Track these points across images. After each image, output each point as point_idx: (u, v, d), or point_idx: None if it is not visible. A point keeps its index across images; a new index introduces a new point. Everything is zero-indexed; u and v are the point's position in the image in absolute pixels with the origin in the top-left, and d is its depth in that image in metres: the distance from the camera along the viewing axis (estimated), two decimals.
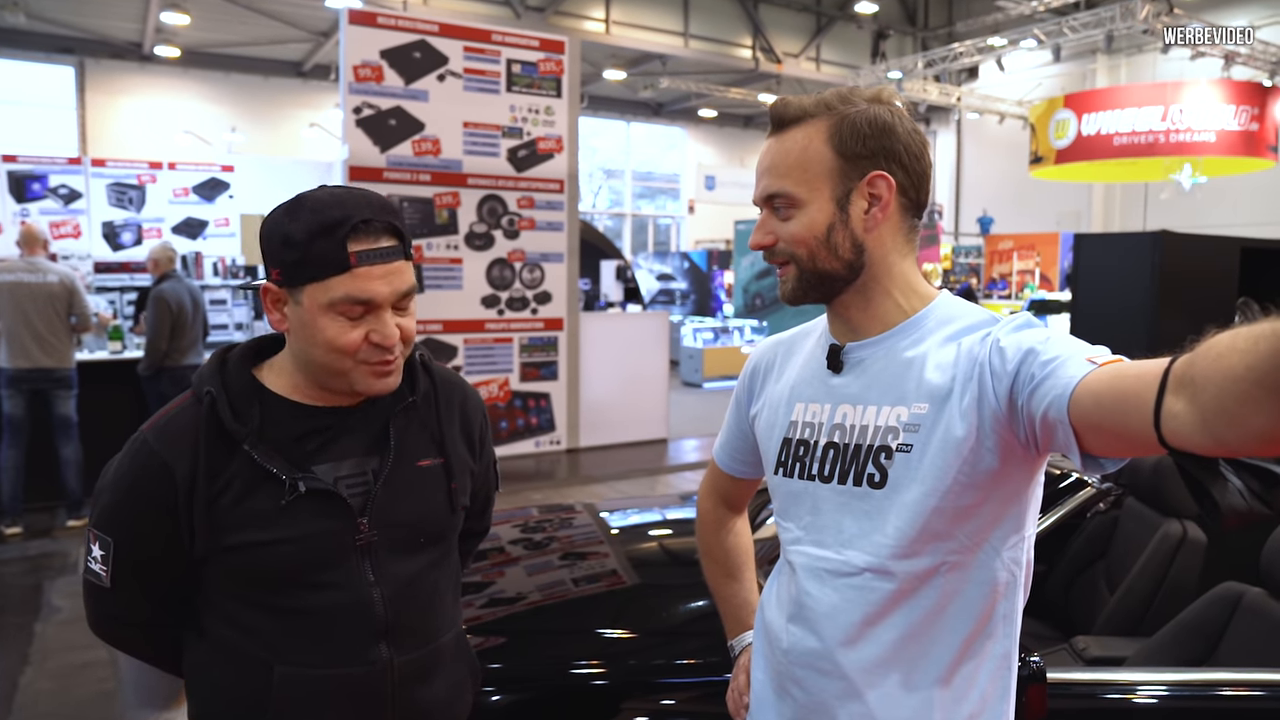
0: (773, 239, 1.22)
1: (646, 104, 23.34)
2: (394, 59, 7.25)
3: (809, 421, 1.26)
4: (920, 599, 1.15)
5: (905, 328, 1.20)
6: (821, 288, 1.22)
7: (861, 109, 1.18)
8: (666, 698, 2.00)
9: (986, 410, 1.09)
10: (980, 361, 1.10)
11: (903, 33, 22.00)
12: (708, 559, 1.59)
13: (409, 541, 1.31)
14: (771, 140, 1.23)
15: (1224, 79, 15.70)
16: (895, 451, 1.15)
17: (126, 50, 16.88)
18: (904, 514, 1.14)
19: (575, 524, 3.16)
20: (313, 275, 1.18)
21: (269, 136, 18.45)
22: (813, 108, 1.20)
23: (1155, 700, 1.91)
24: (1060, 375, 1.00)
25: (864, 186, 1.17)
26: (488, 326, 7.85)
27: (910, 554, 1.14)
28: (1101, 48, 17.37)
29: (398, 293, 1.22)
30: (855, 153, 1.17)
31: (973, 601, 1.16)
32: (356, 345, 1.20)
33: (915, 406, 1.15)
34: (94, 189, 9.72)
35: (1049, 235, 19.57)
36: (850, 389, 1.22)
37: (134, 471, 1.23)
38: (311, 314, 1.19)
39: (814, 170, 1.18)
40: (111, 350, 6.75)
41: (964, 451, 1.10)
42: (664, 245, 25.53)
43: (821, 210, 1.18)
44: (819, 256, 1.19)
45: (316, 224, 1.18)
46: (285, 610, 1.23)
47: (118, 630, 1.34)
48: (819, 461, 1.23)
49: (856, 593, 1.17)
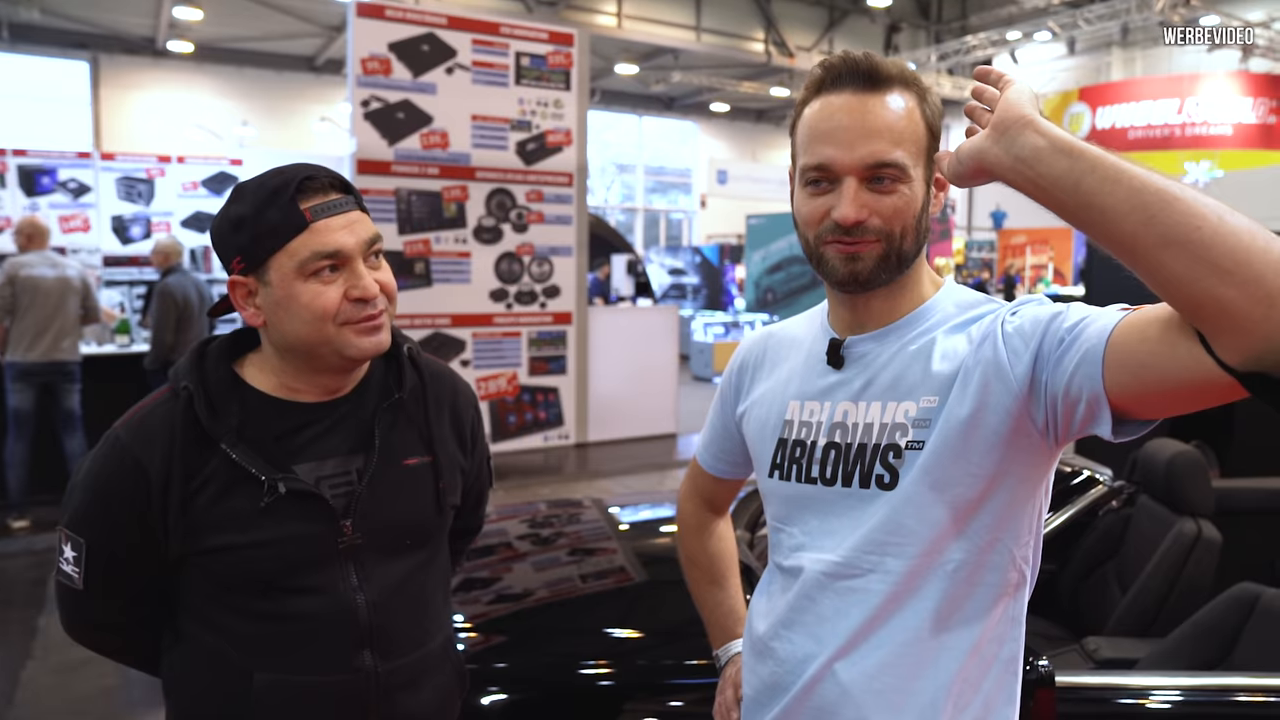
0: (868, 213, 1.06)
1: (658, 98, 23.26)
2: (402, 52, 7.22)
3: (805, 421, 1.18)
4: (925, 600, 1.08)
5: (911, 319, 1.14)
6: (895, 270, 1.11)
7: (928, 86, 1.13)
8: (674, 699, 1.96)
9: (1003, 395, 1.01)
10: (994, 342, 1.03)
11: (916, 26, 21.83)
12: (691, 565, 1.52)
13: (395, 544, 1.26)
14: (868, 96, 1.07)
15: (1241, 71, 15.53)
16: (905, 450, 1.08)
17: (140, 45, 16.93)
18: (918, 514, 1.07)
19: (583, 519, 3.13)
20: (272, 245, 1.13)
21: (280, 130, 18.48)
22: (901, 73, 1.10)
23: (1169, 705, 1.85)
24: (1090, 330, 0.94)
25: (935, 169, 1.11)
26: (496, 320, 7.81)
27: (921, 554, 1.08)
28: (1117, 40, 17.21)
29: (364, 242, 1.17)
30: (936, 131, 1.12)
31: (981, 603, 1.10)
32: (336, 304, 1.15)
33: (924, 400, 1.07)
34: (103, 183, 9.73)
35: (1062, 230, 19.42)
36: (851, 386, 1.14)
37: (106, 470, 1.18)
38: (283, 287, 1.14)
39: (919, 143, 1.09)
40: (119, 344, 6.76)
41: (976, 443, 1.04)
42: (676, 240, 25.46)
43: (919, 188, 1.09)
44: (908, 238, 1.09)
45: (261, 195, 1.14)
46: (265, 615, 1.19)
47: (92, 634, 1.30)
48: (819, 464, 1.15)
49: (859, 596, 1.10)
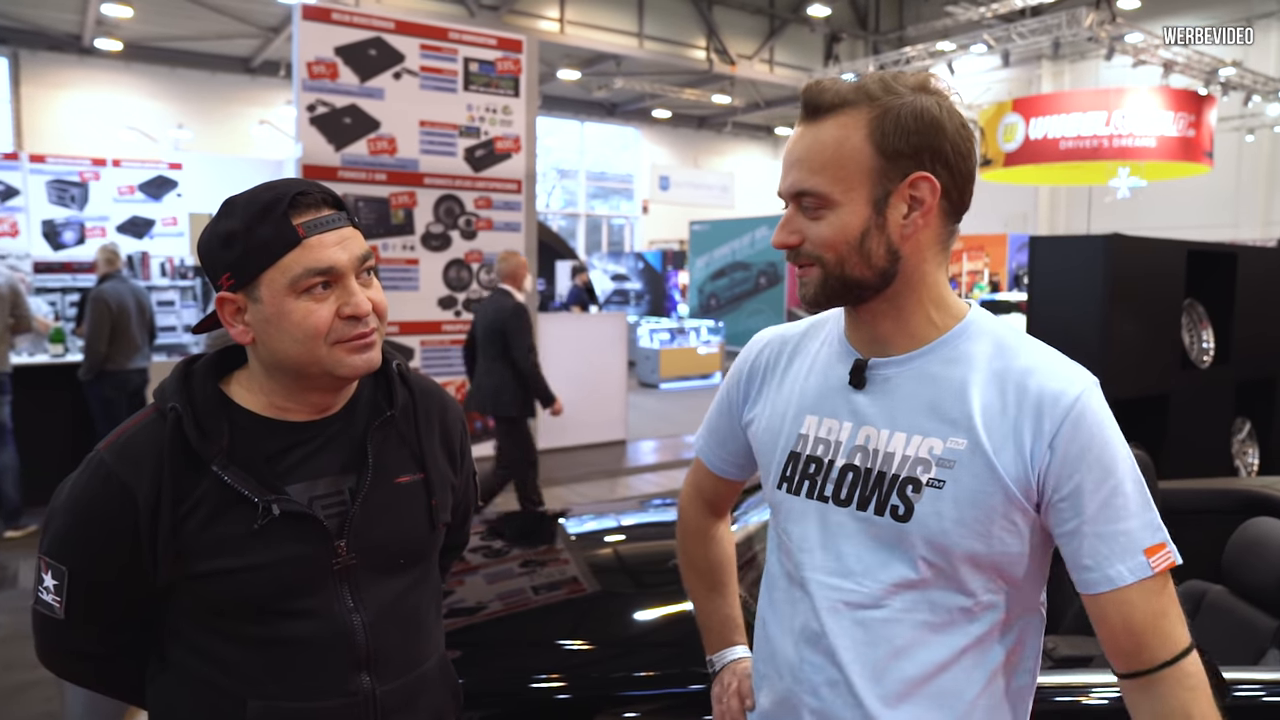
0: (799, 239, 1.09)
1: (601, 104, 23.29)
2: (349, 56, 7.12)
3: (823, 438, 1.16)
4: (951, 636, 1.09)
5: (937, 346, 1.10)
6: (847, 295, 1.10)
7: (907, 100, 1.05)
8: (628, 710, 1.96)
9: (1020, 493, 1.05)
10: (1029, 449, 1.04)
11: (855, 36, 22.22)
12: (689, 569, 1.49)
13: (389, 563, 1.24)
14: (804, 128, 1.09)
15: (1163, 86, 16.13)
16: (925, 486, 1.06)
17: (65, 42, 16.39)
18: (933, 552, 1.07)
19: (535, 531, 3.13)
20: (264, 261, 1.11)
21: (217, 134, 18.06)
22: (852, 95, 1.06)
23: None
24: (1101, 560, 1.04)
25: (905, 189, 1.06)
26: (445, 328, 7.75)
27: (941, 590, 1.08)
28: (1048, 54, 17.74)
29: (356, 258, 1.15)
30: (898, 150, 1.04)
31: (1009, 639, 1.11)
32: (328, 322, 1.13)
33: (951, 441, 1.06)
34: (33, 186, 9.41)
35: (998, 236, 19.95)
36: (875, 410, 1.12)
37: (90, 494, 1.13)
38: (274, 304, 1.12)
39: (851, 168, 1.05)
40: (53, 353, 6.54)
41: (999, 505, 1.04)
42: (618, 245, 25.50)
43: (856, 213, 1.06)
44: (849, 263, 1.07)
45: (252, 210, 1.12)
46: (259, 640, 1.16)
47: (71, 664, 1.25)
48: (834, 483, 1.14)
49: (880, 626, 1.10)
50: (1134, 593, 1.02)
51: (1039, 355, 1.08)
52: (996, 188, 20.83)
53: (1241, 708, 1.89)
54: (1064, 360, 1.08)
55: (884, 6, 22.52)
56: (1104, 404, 1.06)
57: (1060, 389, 1.04)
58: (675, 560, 2.51)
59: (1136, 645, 1.04)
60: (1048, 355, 1.09)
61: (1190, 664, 1.04)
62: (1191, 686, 1.03)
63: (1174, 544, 1.06)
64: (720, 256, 17.61)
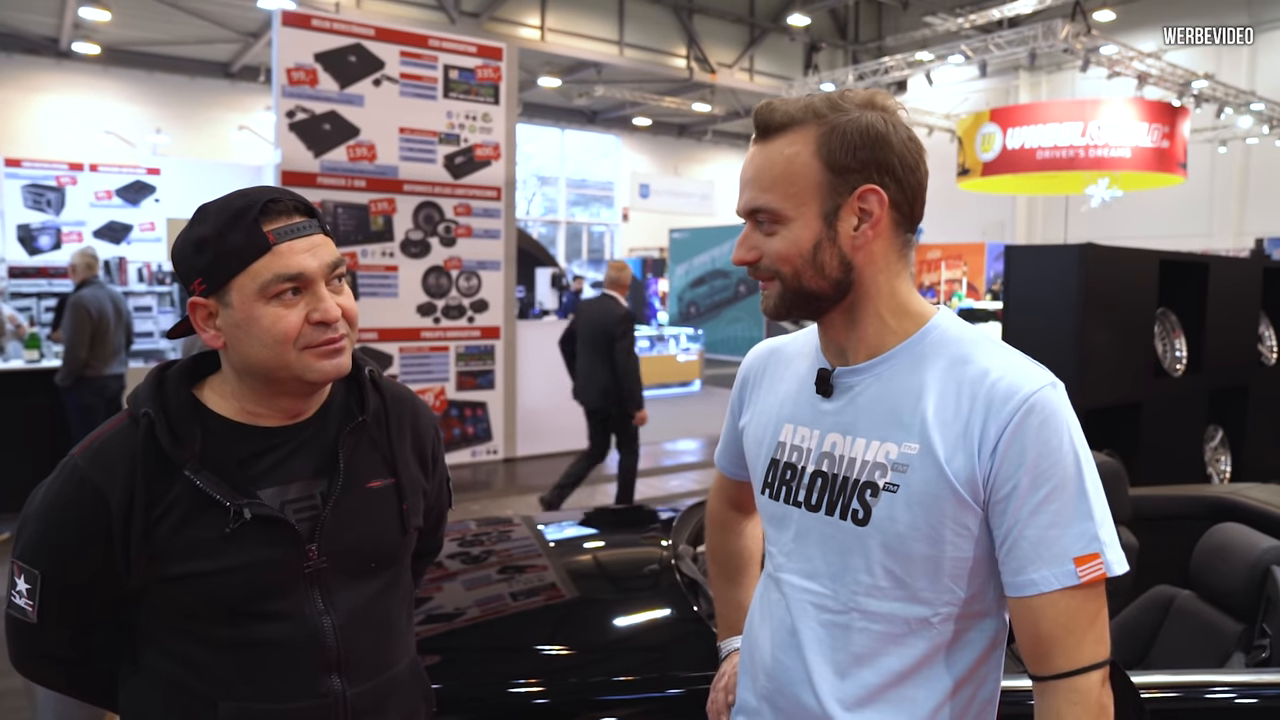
0: (756, 255, 1.14)
1: (581, 111, 23.33)
2: (329, 62, 7.12)
3: (797, 445, 1.20)
4: (910, 646, 1.11)
5: (897, 354, 1.14)
6: (806, 307, 1.15)
7: (853, 117, 1.09)
8: (606, 715, 1.98)
9: (969, 495, 1.06)
10: (977, 450, 1.05)
11: (834, 46, 22.39)
12: (711, 559, 1.56)
13: (360, 567, 1.25)
14: (756, 148, 1.15)
15: (1138, 98, 16.34)
16: (882, 490, 1.09)
17: (42, 45, 16.27)
18: (888, 556, 1.09)
19: (513, 537, 3.12)
20: (234, 267, 1.13)
21: (196, 139, 17.95)
22: (800, 114, 1.11)
23: None
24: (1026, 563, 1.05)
25: (854, 202, 1.09)
26: (424, 335, 7.74)
27: (899, 599, 1.10)
28: (1025, 65, 17.94)
29: (326, 265, 1.17)
30: (845, 165, 1.08)
31: (970, 650, 1.13)
32: (297, 328, 1.15)
33: (905, 446, 1.09)
34: (8, 190, 9.32)
35: (975, 245, 20.13)
36: (840, 417, 1.16)
37: (64, 499, 1.14)
38: (244, 309, 1.14)
39: (800, 184, 1.10)
40: (28, 359, 6.47)
41: (949, 508, 1.07)
42: (598, 253, 25.53)
43: (808, 227, 1.10)
44: (804, 275, 1.12)
45: (224, 217, 1.14)
46: (230, 643, 1.17)
47: (45, 668, 1.26)
48: (805, 489, 1.18)
49: (843, 632, 1.13)
50: (1051, 600, 1.03)
51: (996, 358, 1.10)
52: (974, 197, 21.04)
53: (1207, 710, 1.93)
54: (1023, 363, 1.09)
55: (863, 17, 22.71)
56: (1059, 407, 1.06)
57: (1010, 391, 1.05)
58: (652, 566, 2.53)
59: (1044, 652, 1.05)
60: (1006, 358, 1.10)
61: (1085, 682, 1.04)
62: (1075, 703, 1.03)
63: (1121, 554, 1.06)
64: (700, 264, 17.67)
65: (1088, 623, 1.04)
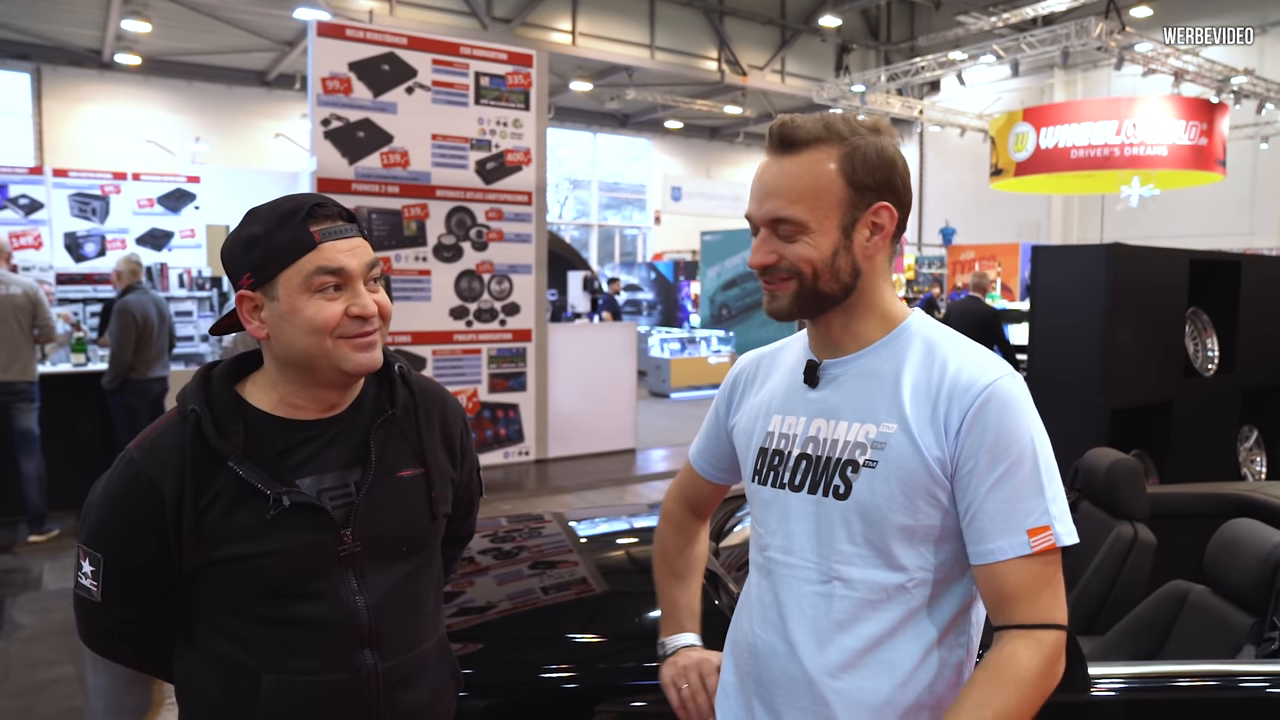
0: (776, 257, 1.24)
1: (613, 115, 23.44)
2: (362, 71, 7.27)
3: (784, 433, 1.31)
4: (888, 611, 1.21)
5: (879, 346, 1.27)
6: (815, 306, 1.26)
7: (870, 140, 1.22)
8: (636, 700, 2.04)
9: (939, 469, 1.18)
10: (943, 431, 1.18)
11: (866, 46, 22.30)
12: (660, 557, 1.63)
13: (391, 551, 1.35)
14: (777, 160, 1.24)
15: (1174, 95, 16.11)
16: (862, 466, 1.21)
17: (86, 57, 16.68)
18: (868, 528, 1.20)
19: (544, 533, 3.19)
20: (282, 262, 1.23)
21: (234, 147, 18.29)
22: (824, 132, 1.22)
23: (1112, 694, 1.99)
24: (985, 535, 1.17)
25: (869, 216, 1.22)
26: (456, 338, 7.86)
27: (877, 567, 1.21)
28: (1058, 63, 17.75)
29: (365, 265, 1.28)
30: (864, 184, 1.21)
31: (942, 613, 1.23)
32: (337, 318, 1.25)
33: (884, 425, 1.21)
34: (56, 199, 9.58)
35: (1010, 245, 19.91)
36: (825, 403, 1.28)
37: (122, 489, 1.26)
38: (289, 301, 1.24)
39: (825, 199, 1.21)
40: (75, 363, 6.68)
41: (923, 481, 1.18)
42: (630, 256, 25.62)
43: (828, 237, 1.22)
44: (822, 278, 1.23)
45: (274, 217, 1.25)
46: (272, 620, 1.27)
47: (109, 642, 1.37)
48: (790, 471, 1.29)
49: (824, 600, 1.24)
50: (1010, 567, 1.16)
51: (960, 352, 1.24)
52: (1008, 197, 20.83)
53: (1218, 700, 1.96)
54: (983, 356, 1.23)
55: (895, 17, 22.60)
56: (1016, 394, 1.19)
57: (970, 381, 1.19)
58: None
59: (1006, 607, 1.17)
60: (968, 352, 1.24)
61: (1045, 636, 1.15)
62: (1032, 649, 1.14)
63: (1072, 527, 1.18)
64: (731, 267, 17.66)
65: (1042, 586, 1.16)
